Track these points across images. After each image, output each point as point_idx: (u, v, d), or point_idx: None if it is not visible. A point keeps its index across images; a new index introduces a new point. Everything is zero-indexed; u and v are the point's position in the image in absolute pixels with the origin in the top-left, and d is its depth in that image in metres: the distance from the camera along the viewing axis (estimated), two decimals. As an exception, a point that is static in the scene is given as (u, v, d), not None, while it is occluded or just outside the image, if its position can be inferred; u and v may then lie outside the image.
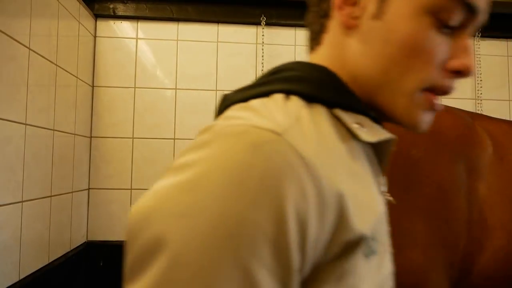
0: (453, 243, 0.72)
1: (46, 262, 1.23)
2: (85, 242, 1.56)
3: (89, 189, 1.58)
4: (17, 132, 1.06)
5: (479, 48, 1.83)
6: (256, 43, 1.73)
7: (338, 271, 0.29)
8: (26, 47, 1.10)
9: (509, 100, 1.87)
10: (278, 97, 0.33)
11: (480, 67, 1.83)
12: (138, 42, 1.68)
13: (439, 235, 0.71)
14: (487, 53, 1.85)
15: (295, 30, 1.76)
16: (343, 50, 0.38)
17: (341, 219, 0.28)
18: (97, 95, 1.65)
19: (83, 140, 1.55)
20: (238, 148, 0.27)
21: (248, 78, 1.71)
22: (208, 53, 1.71)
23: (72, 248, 1.44)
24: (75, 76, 1.47)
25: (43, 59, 1.21)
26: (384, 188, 0.40)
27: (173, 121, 1.65)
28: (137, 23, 1.69)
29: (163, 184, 0.29)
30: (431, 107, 0.36)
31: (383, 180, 0.39)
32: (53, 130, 1.28)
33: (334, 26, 0.39)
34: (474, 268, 0.74)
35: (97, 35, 1.66)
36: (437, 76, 0.35)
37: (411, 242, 0.70)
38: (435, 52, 0.34)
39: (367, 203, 0.32)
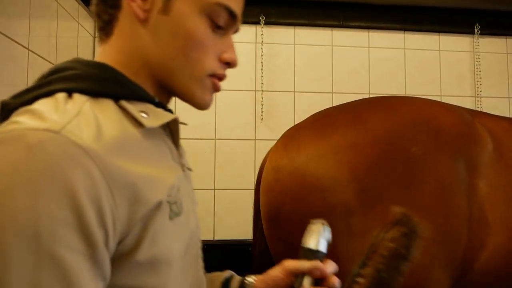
0: (454, 240, 0.72)
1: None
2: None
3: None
4: (17, 133, 1.06)
5: (478, 46, 1.84)
6: (256, 42, 1.72)
7: (150, 235, 0.34)
8: (26, 48, 1.10)
9: (509, 98, 1.87)
10: (60, 96, 0.35)
11: (480, 65, 1.83)
12: (137, 42, 1.68)
13: (439, 232, 0.71)
14: (486, 50, 1.85)
15: (295, 29, 1.76)
16: (135, 40, 0.41)
17: (135, 195, 0.33)
18: (97, 96, 1.65)
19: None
20: (13, 151, 0.29)
21: (247, 76, 1.71)
22: (207, 53, 1.70)
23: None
24: (75, 77, 1.47)
25: (43, 59, 1.21)
26: (182, 159, 0.46)
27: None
28: (136, 23, 1.69)
29: None
30: (216, 89, 0.46)
31: (178, 152, 0.46)
32: (53, 130, 1.28)
33: (125, 16, 0.42)
34: (475, 265, 0.74)
35: (96, 35, 1.66)
36: (216, 66, 0.44)
37: (412, 239, 0.70)
38: (211, 47, 0.43)
39: (159, 176, 0.37)
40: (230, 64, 0.46)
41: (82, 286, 0.29)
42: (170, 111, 0.46)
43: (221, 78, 0.46)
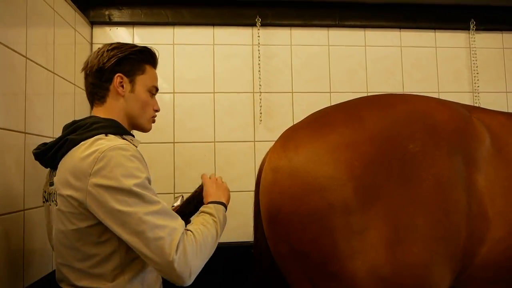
0: (454, 235, 0.72)
1: (50, 271, 1.23)
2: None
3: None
4: (16, 141, 1.06)
5: (474, 41, 1.84)
6: (252, 44, 1.73)
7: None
8: (23, 56, 1.11)
9: (506, 92, 1.87)
10: (103, 136, 0.84)
11: (476, 60, 1.84)
12: (134, 48, 1.69)
13: (439, 228, 0.71)
14: (482, 46, 1.85)
15: (291, 30, 1.77)
16: (118, 105, 0.93)
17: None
18: (96, 102, 1.65)
19: (83, 147, 1.55)
20: (116, 152, 0.78)
21: (245, 78, 1.72)
22: (204, 56, 1.71)
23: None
24: (73, 84, 1.48)
25: (41, 67, 1.22)
26: None
27: (172, 124, 1.66)
28: (133, 29, 1.69)
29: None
30: (153, 122, 1.01)
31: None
32: (53, 138, 1.28)
33: (112, 93, 0.92)
34: (475, 260, 0.74)
35: (93, 42, 1.67)
36: (152, 112, 0.99)
37: (411, 236, 0.70)
38: (151, 104, 0.98)
39: (145, 168, 0.84)
40: (158, 110, 1.02)
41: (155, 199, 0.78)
42: (133, 136, 0.96)
43: (154, 117, 1.01)
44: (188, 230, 0.80)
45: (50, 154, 0.85)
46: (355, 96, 0.94)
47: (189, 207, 1.07)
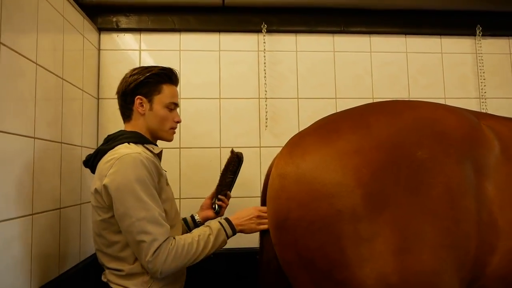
0: (464, 244, 0.71)
1: (57, 275, 1.23)
2: (94, 253, 1.57)
3: (96, 200, 1.59)
4: (26, 146, 1.07)
5: (480, 47, 1.84)
6: (258, 51, 1.74)
7: (161, 188, 1.04)
8: (33, 62, 1.13)
9: (514, 98, 1.86)
10: (126, 144, 1.04)
11: (483, 66, 1.83)
12: (141, 54, 1.70)
13: (448, 236, 0.70)
14: (489, 51, 1.85)
15: (296, 36, 1.78)
16: (140, 121, 1.11)
17: (158, 171, 1.03)
18: (102, 107, 1.67)
19: (90, 152, 1.56)
20: (130, 158, 0.97)
21: (250, 84, 1.73)
22: (210, 62, 1.72)
23: (82, 259, 1.45)
24: (81, 89, 1.49)
25: (50, 73, 1.23)
26: (164, 170, 1.10)
27: (178, 129, 1.66)
28: (140, 35, 1.71)
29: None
30: (173, 133, 1.16)
31: (163, 171, 1.09)
32: (61, 143, 1.29)
33: (135, 112, 1.11)
34: (486, 270, 0.73)
35: (101, 48, 1.69)
36: (173, 124, 1.14)
37: (420, 243, 0.70)
38: (170, 118, 1.13)
39: (161, 171, 1.06)
40: (178, 121, 1.16)
41: (151, 205, 0.95)
42: (156, 143, 1.15)
43: (175, 128, 1.16)
44: (174, 238, 0.97)
45: (90, 163, 1.08)
46: (360, 102, 0.95)
47: (225, 179, 1.26)
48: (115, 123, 1.65)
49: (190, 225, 1.28)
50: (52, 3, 1.26)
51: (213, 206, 1.28)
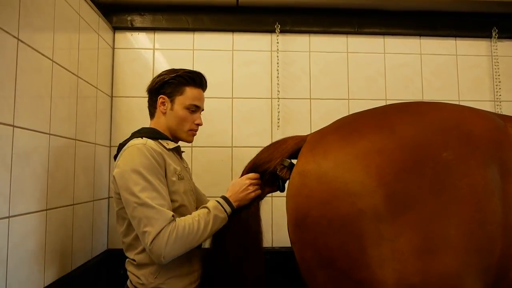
0: (488, 247, 0.69)
1: (69, 270, 1.24)
2: (106, 250, 1.57)
3: (109, 197, 1.60)
4: (42, 142, 1.08)
5: (496, 49, 1.81)
6: (271, 51, 1.74)
7: (170, 182, 1.05)
8: (50, 59, 1.13)
9: (530, 101, 1.83)
10: (139, 139, 1.06)
11: (498, 69, 1.80)
12: (155, 53, 1.71)
13: (473, 239, 0.69)
14: (505, 54, 1.82)
15: (309, 37, 1.77)
16: (162, 120, 1.16)
17: (165, 162, 1.04)
18: (116, 105, 1.67)
19: (103, 150, 1.57)
20: (152, 148, 1.03)
21: (263, 84, 1.72)
22: (223, 62, 1.72)
23: (93, 256, 1.45)
24: (95, 87, 1.50)
25: (66, 71, 1.24)
26: (182, 162, 1.20)
27: (190, 129, 1.66)
28: (154, 34, 1.72)
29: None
30: (193, 135, 1.19)
31: (181, 160, 1.18)
32: (75, 140, 1.30)
33: (158, 111, 1.17)
34: (510, 273, 0.71)
35: (115, 47, 1.70)
36: (192, 126, 1.17)
37: (443, 246, 0.68)
38: (189, 120, 1.16)
39: (174, 166, 1.08)
40: (199, 124, 1.19)
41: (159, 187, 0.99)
42: (176, 143, 1.17)
43: (195, 130, 1.19)
44: (175, 221, 0.96)
45: (116, 156, 1.13)
46: (373, 103, 0.94)
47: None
48: (128, 120, 1.66)
49: None
50: (69, 2, 1.27)
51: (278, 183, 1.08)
